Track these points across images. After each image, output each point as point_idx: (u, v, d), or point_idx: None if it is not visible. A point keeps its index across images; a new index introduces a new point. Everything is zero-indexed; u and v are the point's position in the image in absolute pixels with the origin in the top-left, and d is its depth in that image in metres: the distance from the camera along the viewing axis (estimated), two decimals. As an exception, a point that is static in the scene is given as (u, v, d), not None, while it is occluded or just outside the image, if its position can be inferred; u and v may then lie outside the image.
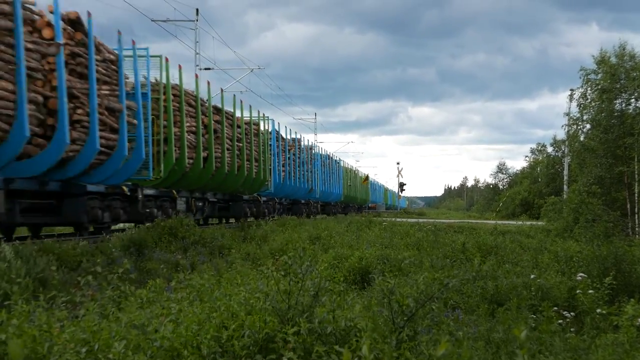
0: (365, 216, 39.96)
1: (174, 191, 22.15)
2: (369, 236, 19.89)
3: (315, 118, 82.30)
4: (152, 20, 38.71)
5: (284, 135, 37.98)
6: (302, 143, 43.15)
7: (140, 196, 19.02)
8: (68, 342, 5.09)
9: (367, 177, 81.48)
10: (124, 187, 18.33)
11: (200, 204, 25.22)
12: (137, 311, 6.25)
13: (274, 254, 14.18)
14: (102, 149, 15.75)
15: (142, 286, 9.03)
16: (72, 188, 15.81)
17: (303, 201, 45.07)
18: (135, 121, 17.71)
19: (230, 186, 27.39)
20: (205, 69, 41.77)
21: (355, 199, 71.34)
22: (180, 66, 21.89)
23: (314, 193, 46.07)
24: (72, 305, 7.36)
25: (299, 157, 40.89)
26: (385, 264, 12.80)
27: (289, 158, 38.18)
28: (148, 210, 19.69)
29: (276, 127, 36.03)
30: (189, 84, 23.03)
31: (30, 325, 5.29)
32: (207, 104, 24.21)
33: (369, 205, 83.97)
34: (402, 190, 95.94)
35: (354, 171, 73.73)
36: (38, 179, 14.63)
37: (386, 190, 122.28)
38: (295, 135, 41.35)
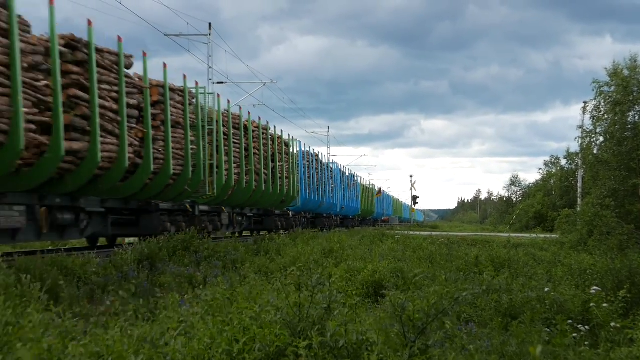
0: (379, 229, 39.92)
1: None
2: (382, 250, 19.85)
3: (328, 131, 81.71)
4: (165, 35, 38.99)
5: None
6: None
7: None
8: (82, 355, 5.12)
9: (380, 190, 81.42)
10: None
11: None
12: (150, 325, 6.26)
13: (287, 268, 14.19)
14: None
15: (155, 300, 9.06)
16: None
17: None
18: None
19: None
20: (218, 82, 42.06)
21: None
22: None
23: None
24: (86, 319, 7.39)
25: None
26: (399, 277, 12.77)
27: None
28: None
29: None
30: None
31: (45, 339, 5.32)
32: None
33: (382, 218, 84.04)
34: (415, 203, 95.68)
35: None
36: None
37: (401, 203, 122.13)
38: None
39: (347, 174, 56.04)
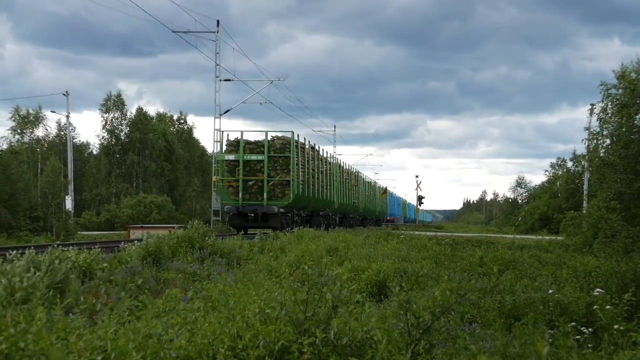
0: (384, 229, 40.02)
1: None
2: (387, 249, 19.83)
3: (335, 130, 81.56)
4: (173, 32, 39.08)
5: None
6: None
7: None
8: (84, 350, 5.12)
9: (385, 190, 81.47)
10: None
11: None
12: (154, 320, 6.27)
13: (291, 266, 14.19)
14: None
15: (159, 295, 9.08)
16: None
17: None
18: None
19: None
20: (225, 80, 42.11)
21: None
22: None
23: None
24: (91, 313, 7.41)
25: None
26: (403, 277, 12.75)
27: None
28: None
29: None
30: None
31: (47, 333, 5.33)
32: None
33: (387, 218, 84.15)
34: (420, 203, 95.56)
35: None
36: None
37: (405, 203, 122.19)
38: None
39: (402, 198, 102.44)
